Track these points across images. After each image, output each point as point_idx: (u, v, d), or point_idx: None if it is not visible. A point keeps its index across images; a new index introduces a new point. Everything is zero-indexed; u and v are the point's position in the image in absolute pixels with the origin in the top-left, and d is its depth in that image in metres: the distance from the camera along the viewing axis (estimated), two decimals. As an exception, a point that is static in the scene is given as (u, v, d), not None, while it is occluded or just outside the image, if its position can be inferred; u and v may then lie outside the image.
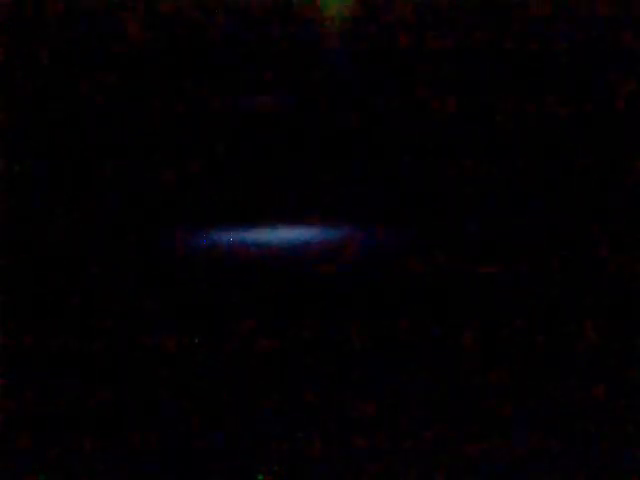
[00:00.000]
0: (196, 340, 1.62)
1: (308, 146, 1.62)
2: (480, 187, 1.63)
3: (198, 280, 1.61)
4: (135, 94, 1.65)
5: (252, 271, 1.59)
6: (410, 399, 1.60)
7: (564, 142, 1.65)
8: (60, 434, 1.59)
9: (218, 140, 1.63)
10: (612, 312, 1.61)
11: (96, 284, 1.62)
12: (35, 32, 1.67)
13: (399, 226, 1.61)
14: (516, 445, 1.59)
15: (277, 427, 1.58)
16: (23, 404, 1.60)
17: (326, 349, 1.61)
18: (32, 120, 1.65)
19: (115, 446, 1.58)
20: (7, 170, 1.63)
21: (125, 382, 1.61)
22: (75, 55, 1.66)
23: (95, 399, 1.60)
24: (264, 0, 1.66)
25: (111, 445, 1.58)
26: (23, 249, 1.63)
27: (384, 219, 1.61)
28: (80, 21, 1.68)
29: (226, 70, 1.67)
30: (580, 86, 1.67)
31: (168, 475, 1.56)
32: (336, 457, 1.58)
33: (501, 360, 1.61)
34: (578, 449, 1.59)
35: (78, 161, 1.64)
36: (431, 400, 1.60)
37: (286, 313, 1.60)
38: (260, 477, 1.55)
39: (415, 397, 1.60)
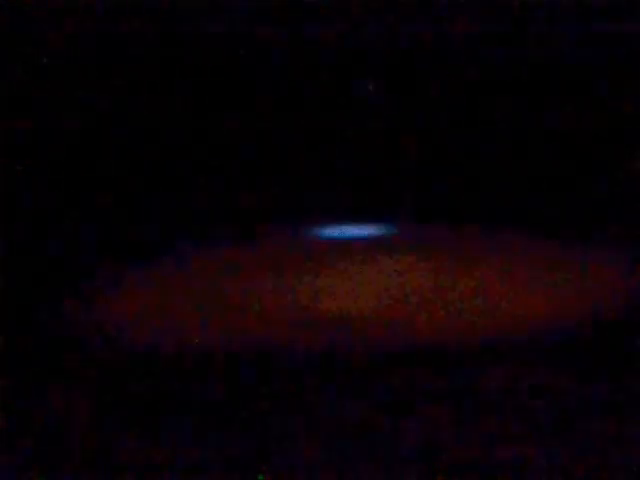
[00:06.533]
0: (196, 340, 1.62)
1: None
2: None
3: None
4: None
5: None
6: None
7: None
8: (60, 435, 1.59)
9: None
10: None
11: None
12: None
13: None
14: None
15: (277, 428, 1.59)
16: (23, 404, 1.60)
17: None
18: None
19: (115, 446, 1.58)
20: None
21: (124, 382, 1.61)
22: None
23: (94, 400, 1.60)
24: None
25: (111, 445, 1.58)
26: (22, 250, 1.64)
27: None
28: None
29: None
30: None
31: (168, 475, 1.56)
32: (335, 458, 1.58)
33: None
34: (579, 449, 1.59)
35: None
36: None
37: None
38: (260, 477, 1.55)
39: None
